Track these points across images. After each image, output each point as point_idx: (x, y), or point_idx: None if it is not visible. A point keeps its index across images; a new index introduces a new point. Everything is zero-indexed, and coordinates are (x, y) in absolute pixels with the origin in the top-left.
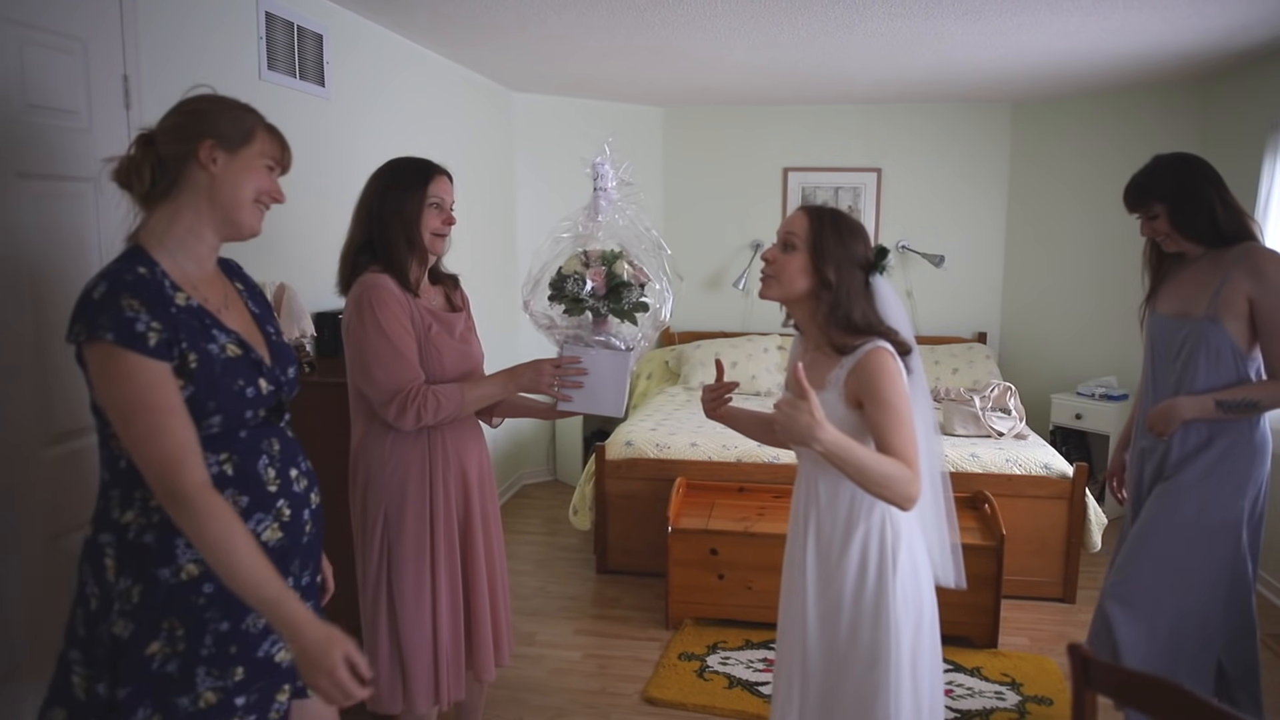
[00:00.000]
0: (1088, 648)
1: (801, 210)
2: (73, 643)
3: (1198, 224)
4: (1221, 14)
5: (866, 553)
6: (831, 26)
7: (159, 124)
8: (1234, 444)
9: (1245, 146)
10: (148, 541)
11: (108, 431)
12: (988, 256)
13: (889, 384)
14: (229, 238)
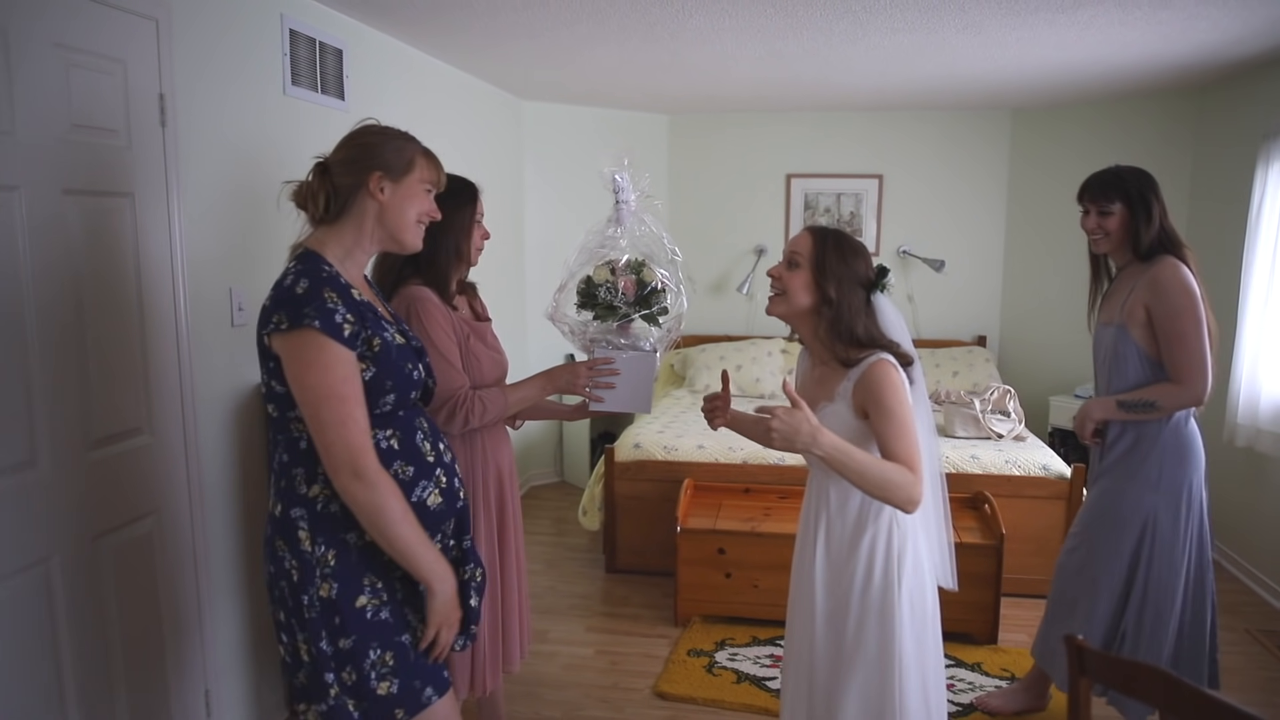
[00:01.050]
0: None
1: (806, 230)
2: (288, 612)
3: (1140, 232)
4: (1214, 28)
5: (874, 555)
6: (836, 40)
7: (332, 156)
8: (1140, 440)
9: (1239, 154)
10: (334, 510)
11: (288, 415)
12: (988, 261)
13: (891, 393)
14: (394, 251)
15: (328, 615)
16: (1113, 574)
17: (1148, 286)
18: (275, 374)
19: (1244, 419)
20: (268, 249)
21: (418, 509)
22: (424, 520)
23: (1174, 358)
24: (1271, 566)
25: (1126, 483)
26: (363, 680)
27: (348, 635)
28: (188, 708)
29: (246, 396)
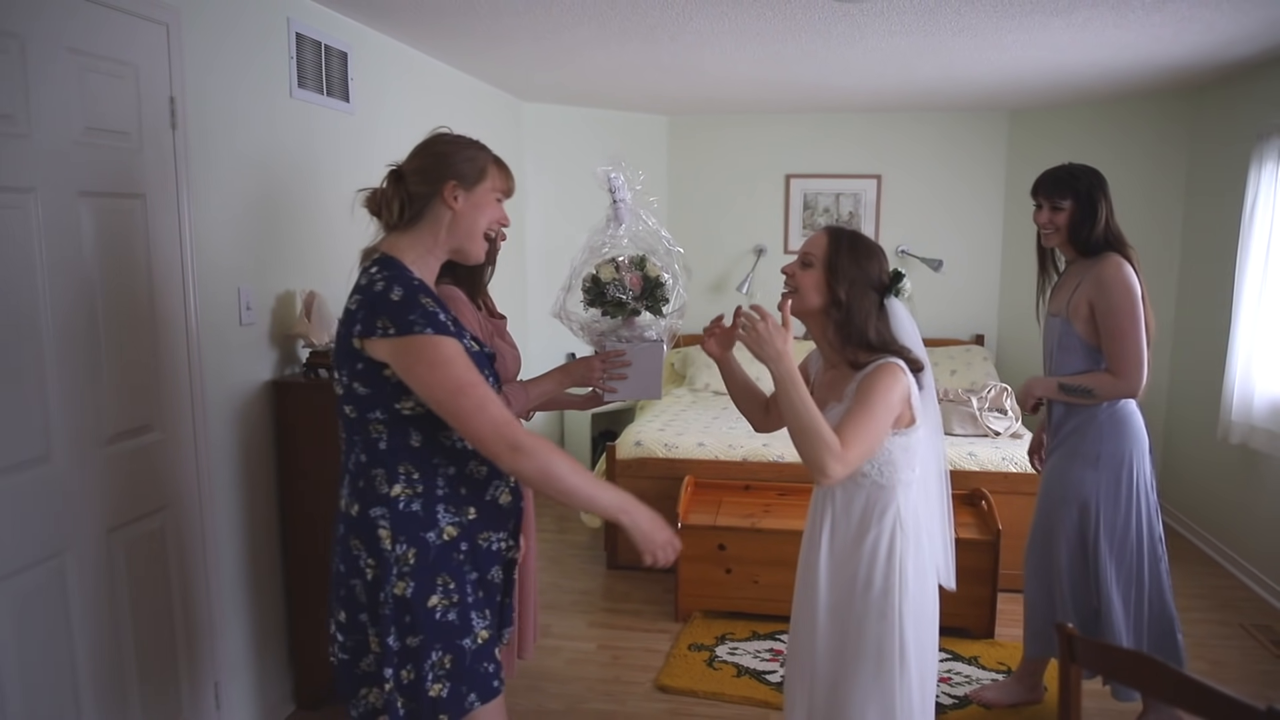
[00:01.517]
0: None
1: (823, 230)
2: (358, 608)
3: (1086, 229)
4: (1208, 30)
5: (876, 554)
6: (834, 43)
7: (407, 164)
8: (1082, 422)
9: (1233, 154)
10: (415, 510)
11: (368, 417)
12: (985, 261)
13: (879, 389)
14: (456, 260)
15: (399, 613)
16: (1068, 554)
17: (1093, 283)
18: (361, 375)
19: (1238, 416)
20: (275, 249)
21: (490, 506)
22: (495, 517)
23: (1112, 351)
24: (1265, 562)
25: (1069, 462)
26: (419, 680)
27: (416, 634)
28: (198, 700)
29: (253, 394)
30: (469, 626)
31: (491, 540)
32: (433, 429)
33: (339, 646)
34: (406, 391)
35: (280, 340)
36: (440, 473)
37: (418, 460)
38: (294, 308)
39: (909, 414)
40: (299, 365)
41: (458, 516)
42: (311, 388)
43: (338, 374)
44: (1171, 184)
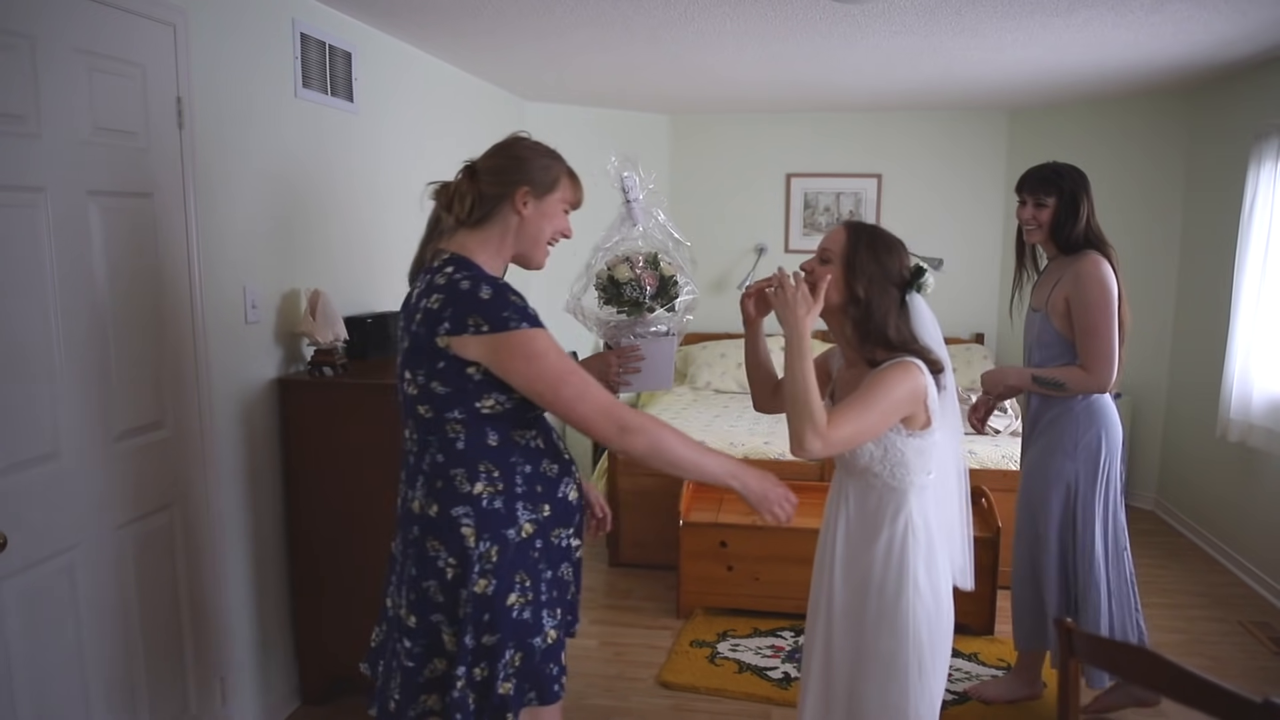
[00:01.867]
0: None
1: (842, 226)
2: (433, 609)
3: (1068, 227)
4: (1206, 31)
5: (889, 555)
6: (835, 43)
7: (482, 162)
8: (1058, 416)
9: (1232, 154)
10: (497, 507)
11: (446, 417)
12: (985, 259)
13: (884, 383)
14: (517, 264)
15: (479, 611)
16: (1058, 542)
17: (1071, 279)
18: (441, 374)
19: (1236, 414)
20: (280, 248)
21: (561, 504)
22: (566, 514)
23: (1084, 347)
24: (1262, 559)
25: (1050, 455)
26: (492, 678)
27: (494, 632)
28: (204, 695)
29: (259, 392)
30: (540, 625)
31: (562, 537)
32: (508, 428)
33: (404, 652)
34: (488, 390)
35: (285, 338)
36: (518, 470)
37: (496, 459)
38: (299, 306)
39: (924, 415)
40: (303, 363)
41: (535, 514)
42: (316, 385)
43: (410, 374)
44: (1170, 183)
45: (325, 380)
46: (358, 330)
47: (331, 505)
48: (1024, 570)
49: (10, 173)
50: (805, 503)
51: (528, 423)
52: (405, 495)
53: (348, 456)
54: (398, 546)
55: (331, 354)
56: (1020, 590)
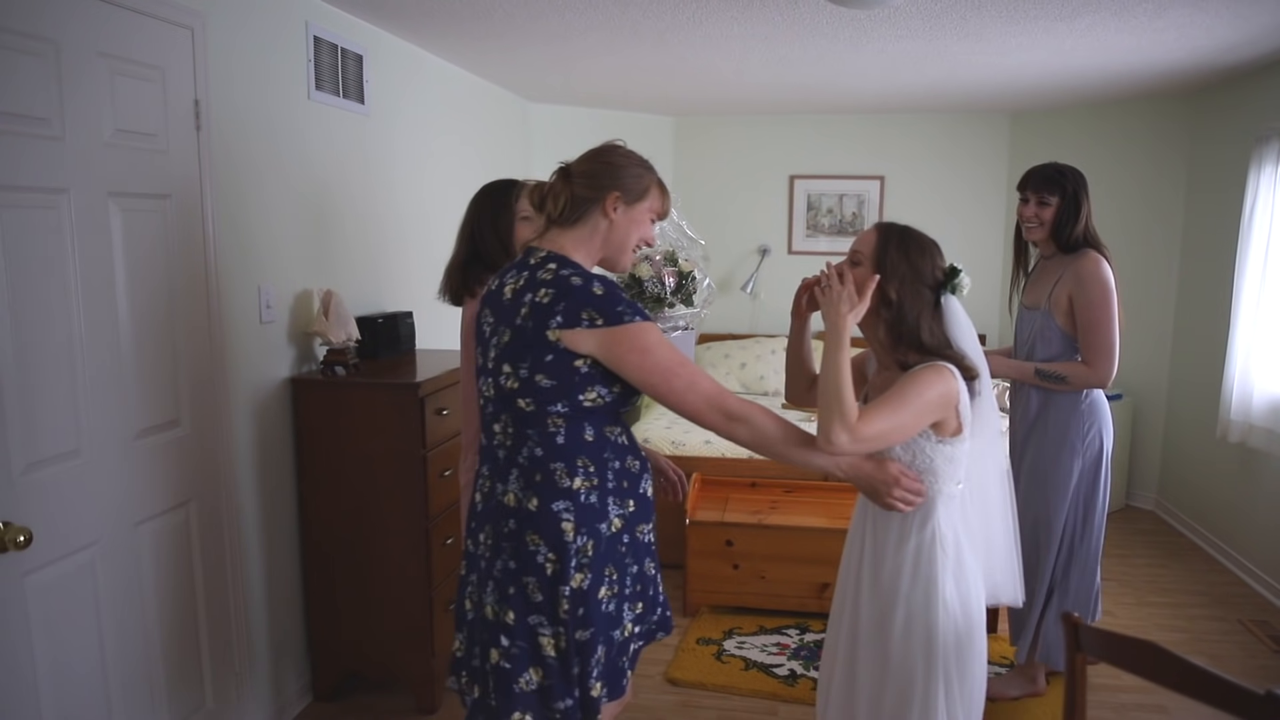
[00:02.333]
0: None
1: (874, 227)
2: (531, 609)
3: (1068, 226)
4: (1208, 35)
5: (917, 566)
6: (841, 47)
7: (576, 165)
8: (1064, 413)
9: (1233, 157)
10: (594, 502)
11: (547, 410)
12: (987, 261)
13: (917, 384)
14: (604, 268)
15: (575, 606)
16: (1060, 538)
17: (1072, 277)
18: (548, 367)
19: (1237, 415)
20: (294, 249)
21: (643, 500)
22: (647, 509)
23: (1087, 343)
24: (1263, 559)
25: (1059, 451)
26: (584, 674)
27: (587, 627)
28: (220, 690)
29: (272, 391)
30: (620, 619)
31: (645, 532)
32: (601, 423)
33: (500, 652)
34: (591, 383)
35: (298, 338)
36: (609, 466)
37: (591, 454)
38: (312, 306)
39: (956, 421)
40: (316, 363)
41: (622, 509)
42: (328, 385)
43: (511, 367)
44: (1171, 185)
45: (337, 380)
46: (368, 330)
47: (343, 503)
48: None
49: (35, 174)
50: (808, 503)
51: (617, 419)
52: (494, 489)
53: (359, 455)
54: (481, 543)
55: (344, 353)
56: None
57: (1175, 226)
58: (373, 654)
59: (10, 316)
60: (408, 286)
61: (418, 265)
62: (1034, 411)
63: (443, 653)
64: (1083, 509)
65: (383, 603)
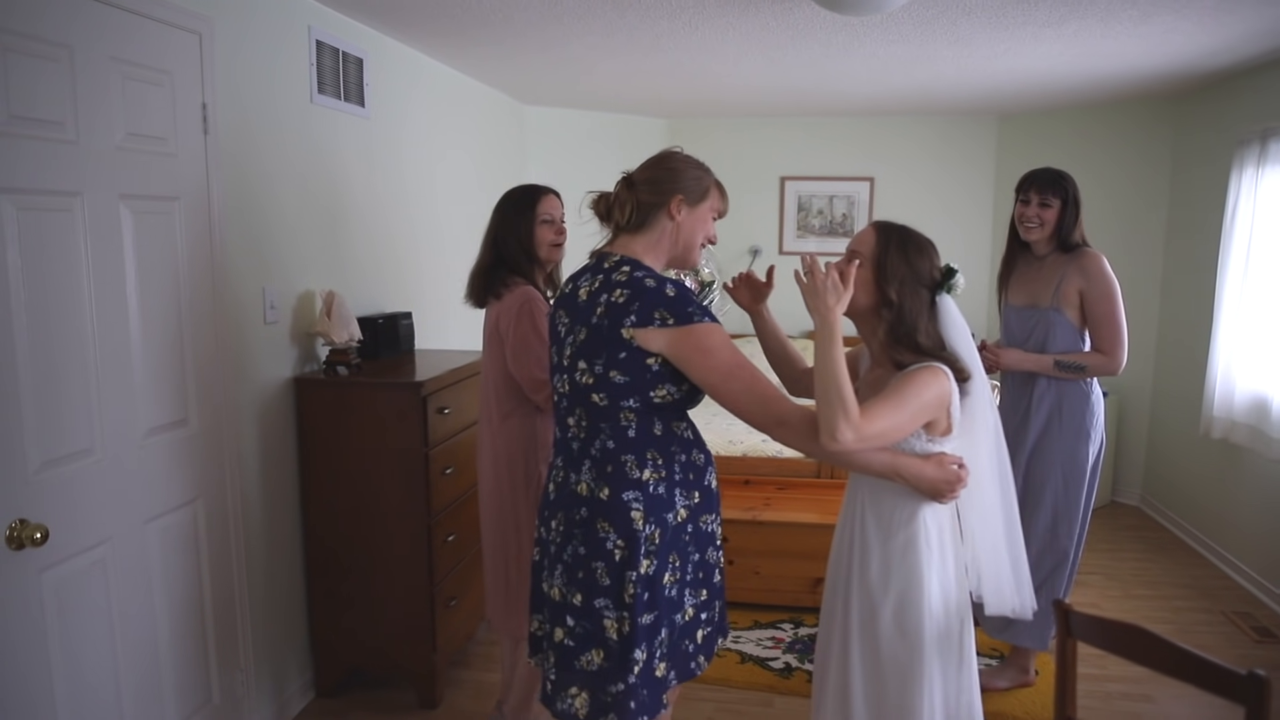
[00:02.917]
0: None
1: (872, 226)
2: (599, 593)
3: (1067, 227)
4: (1191, 42)
5: (904, 561)
6: (833, 51)
7: (638, 174)
8: (1077, 402)
9: (1216, 159)
10: (661, 492)
11: (620, 405)
12: (977, 262)
13: (915, 383)
14: (673, 266)
15: (641, 591)
16: (1057, 522)
17: (1080, 274)
18: (621, 364)
19: (1220, 412)
20: (297, 250)
21: (707, 491)
22: (711, 501)
23: (1102, 334)
24: (1245, 552)
25: (1076, 441)
26: (650, 658)
27: (654, 610)
28: (226, 685)
29: (276, 391)
30: (682, 603)
31: (708, 522)
32: (669, 419)
33: (565, 631)
34: (662, 380)
35: (300, 338)
36: (676, 459)
37: (660, 447)
38: (314, 307)
39: (946, 422)
40: (318, 363)
41: (688, 500)
42: (331, 384)
43: (586, 364)
44: (1156, 186)
45: (340, 379)
46: (369, 330)
47: (346, 501)
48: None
49: (50, 178)
50: (801, 499)
51: (684, 414)
52: (568, 479)
53: (362, 453)
54: (553, 529)
55: (346, 353)
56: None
57: (1159, 226)
58: (375, 650)
59: (27, 317)
60: (406, 287)
61: (416, 266)
62: (1049, 404)
63: (445, 648)
64: (1085, 492)
65: (385, 599)
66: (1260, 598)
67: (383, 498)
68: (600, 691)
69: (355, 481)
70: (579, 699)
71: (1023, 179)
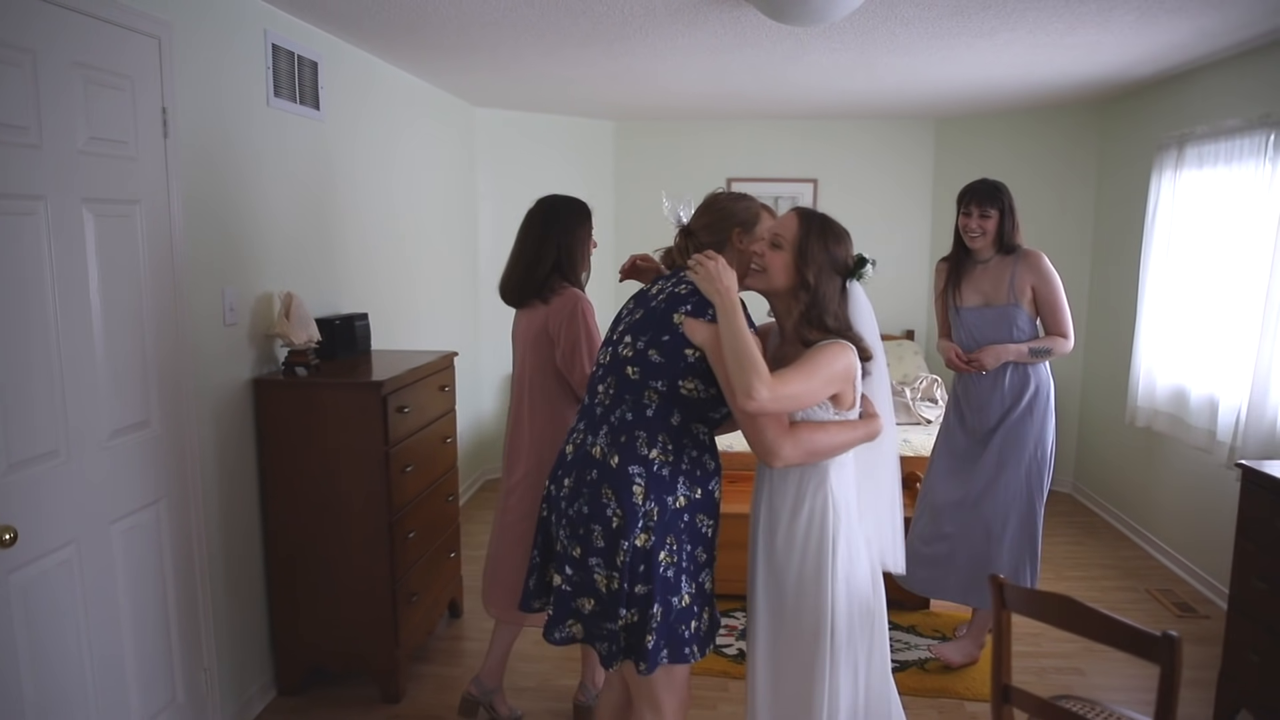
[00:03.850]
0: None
1: (793, 212)
2: (592, 553)
3: (1007, 232)
4: (1114, 52)
5: (809, 531)
6: (778, 59)
7: (695, 223)
8: (1041, 385)
9: (1137, 163)
10: (664, 474)
11: (649, 384)
12: (915, 259)
13: (824, 355)
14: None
15: (635, 562)
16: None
17: (1029, 271)
18: (662, 346)
19: (1144, 402)
20: (255, 253)
21: (709, 496)
22: (710, 506)
23: (1057, 319)
24: (1167, 533)
25: (1045, 420)
26: (641, 625)
27: (647, 583)
28: (190, 685)
29: (236, 392)
30: (679, 587)
31: (704, 523)
32: (689, 416)
33: (563, 578)
34: (693, 373)
35: (260, 340)
36: (685, 452)
37: (672, 434)
38: (273, 309)
39: (850, 395)
40: (277, 364)
41: (689, 492)
42: (290, 385)
43: (633, 338)
44: (1084, 187)
45: (299, 380)
46: (326, 331)
47: (306, 500)
48: (980, 530)
49: (15, 181)
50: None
51: (707, 421)
52: (585, 440)
53: (322, 453)
54: (564, 486)
55: (305, 354)
56: (977, 548)
57: (1087, 225)
58: (336, 647)
59: None
60: (361, 288)
61: (370, 267)
62: (1020, 390)
63: (407, 643)
64: (1049, 467)
65: (347, 596)
66: (1181, 575)
67: (343, 496)
68: (594, 626)
69: (316, 481)
70: (575, 628)
71: (962, 192)
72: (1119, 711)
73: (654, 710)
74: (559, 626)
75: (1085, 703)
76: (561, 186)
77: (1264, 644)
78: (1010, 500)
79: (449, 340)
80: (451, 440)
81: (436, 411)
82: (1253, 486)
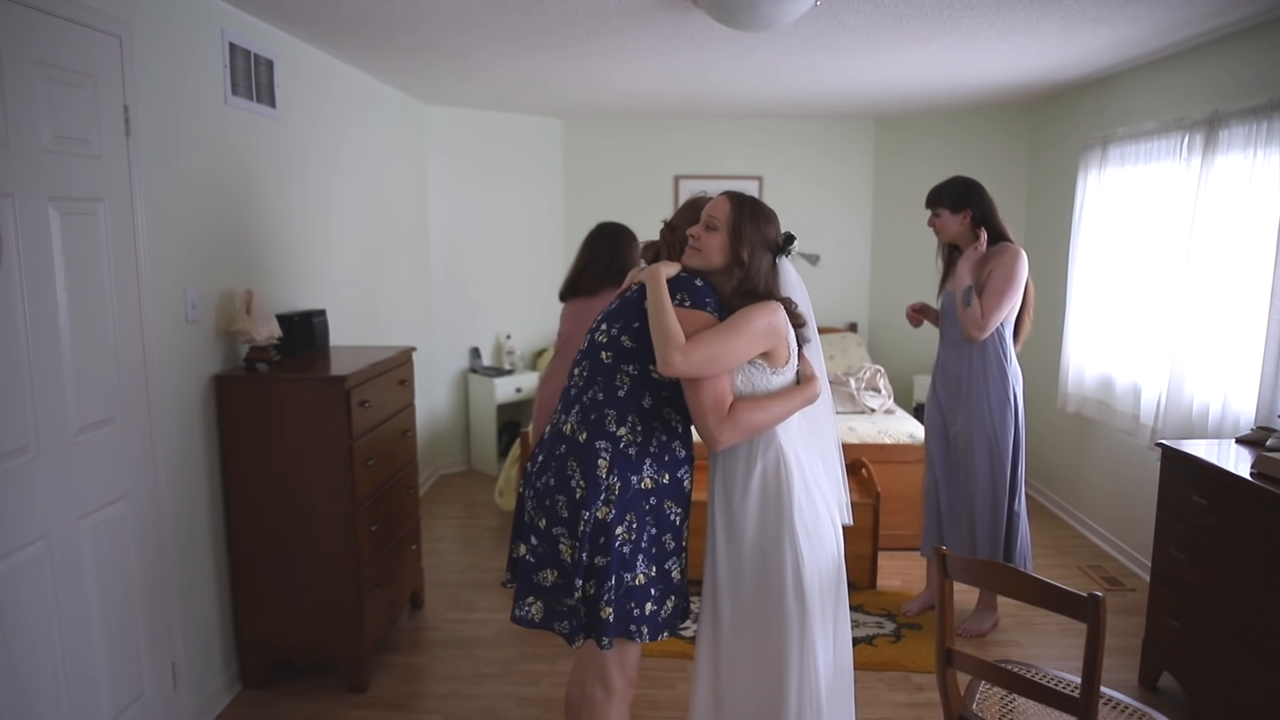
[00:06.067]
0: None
1: (725, 195)
2: (556, 522)
3: (991, 225)
4: (1041, 57)
5: (765, 488)
6: (725, 60)
7: (676, 218)
8: (996, 373)
9: (1065, 161)
10: (630, 452)
11: (621, 367)
12: (857, 254)
13: (742, 315)
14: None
15: (596, 533)
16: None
17: (995, 259)
18: (635, 332)
19: (1073, 388)
20: (216, 250)
21: (676, 483)
22: (678, 494)
23: (986, 300)
24: (1095, 512)
25: (1000, 407)
26: (597, 596)
27: (605, 555)
28: (158, 679)
29: (200, 388)
30: (633, 565)
31: (672, 510)
32: (660, 400)
33: (528, 549)
34: None
35: (222, 337)
36: (655, 435)
37: (642, 416)
38: (234, 305)
39: (785, 353)
40: (239, 361)
41: (655, 475)
42: (252, 381)
43: (607, 325)
44: (1015, 184)
45: (260, 376)
46: (285, 327)
47: (270, 494)
48: (958, 506)
49: None
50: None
51: (680, 408)
52: (559, 420)
53: (286, 448)
54: (537, 462)
55: (266, 350)
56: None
57: (1019, 220)
58: (302, 639)
59: None
60: (318, 284)
61: (327, 263)
62: (975, 376)
63: (371, 633)
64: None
65: (311, 589)
66: (1109, 552)
67: (307, 490)
68: (555, 603)
69: (280, 475)
70: (535, 606)
71: (933, 193)
72: (1052, 673)
73: (604, 688)
74: (519, 604)
75: (1023, 665)
76: (510, 183)
77: (1182, 610)
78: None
79: (403, 335)
80: (411, 434)
81: (397, 406)
82: (1171, 464)
